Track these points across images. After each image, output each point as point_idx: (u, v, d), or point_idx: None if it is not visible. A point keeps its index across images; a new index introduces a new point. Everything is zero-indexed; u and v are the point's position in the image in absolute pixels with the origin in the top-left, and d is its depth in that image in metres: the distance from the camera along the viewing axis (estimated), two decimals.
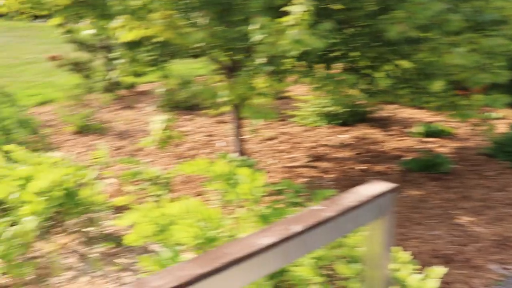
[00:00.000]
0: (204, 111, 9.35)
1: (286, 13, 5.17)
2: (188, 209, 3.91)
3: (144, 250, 4.67)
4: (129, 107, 10.33)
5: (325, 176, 6.88)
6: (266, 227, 1.90)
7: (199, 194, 5.97)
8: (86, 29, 6.56)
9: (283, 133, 8.65)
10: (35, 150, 6.62)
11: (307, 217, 1.95)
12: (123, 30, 5.62)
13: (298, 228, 1.87)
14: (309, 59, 6.11)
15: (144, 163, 5.99)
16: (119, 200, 5.51)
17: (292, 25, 5.12)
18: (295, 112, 9.44)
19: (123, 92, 11.17)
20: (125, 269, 4.55)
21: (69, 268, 4.62)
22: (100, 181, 5.43)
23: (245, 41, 5.49)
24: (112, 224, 5.19)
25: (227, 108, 6.49)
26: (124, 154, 7.60)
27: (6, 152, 5.83)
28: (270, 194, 4.72)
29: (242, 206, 4.32)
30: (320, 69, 6.42)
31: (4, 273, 4.43)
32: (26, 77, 13.60)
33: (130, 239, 3.87)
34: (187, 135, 8.44)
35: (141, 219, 3.92)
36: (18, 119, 7.40)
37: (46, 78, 13.21)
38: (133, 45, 6.24)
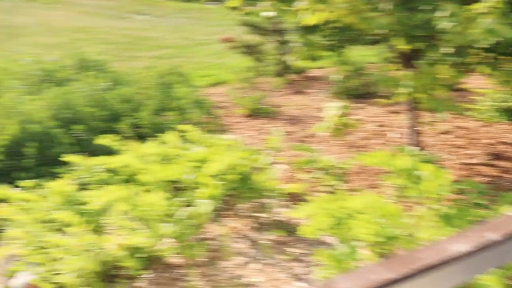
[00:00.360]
0: (376, 100, 9.08)
1: (475, 0, 4.83)
2: (368, 204, 3.72)
3: (316, 241, 4.53)
4: (300, 92, 10.24)
5: (505, 176, 6.44)
6: (458, 233, 1.71)
7: (372, 187, 5.74)
8: (265, 12, 6.48)
9: (459, 127, 8.21)
10: (208, 131, 6.68)
11: (505, 225, 1.73)
12: (306, 13, 5.48)
13: (495, 236, 1.67)
14: (498, 50, 5.70)
15: (317, 151, 5.84)
16: (291, 187, 5.41)
17: (484, 13, 4.77)
18: (471, 106, 8.95)
19: (293, 76, 11.09)
20: (296, 259, 4.43)
21: (240, 253, 4.57)
22: (273, 167, 5.35)
23: (429, 29, 5.18)
24: (284, 211, 5.10)
25: (403, 98, 6.19)
26: (295, 139, 7.51)
27: (182, 131, 5.89)
28: (451, 193, 4.43)
29: (420, 204, 4.07)
30: (508, 62, 5.99)
31: (177, 253, 4.44)
32: (198, 57, 13.90)
33: (305, 231, 3.74)
34: (359, 124, 8.21)
35: (318, 211, 3.77)
36: (193, 99, 7.50)
37: (218, 59, 13.43)
38: (311, 29, 6.09)
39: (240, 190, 4.95)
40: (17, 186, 5.41)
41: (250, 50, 11.05)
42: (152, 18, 22.94)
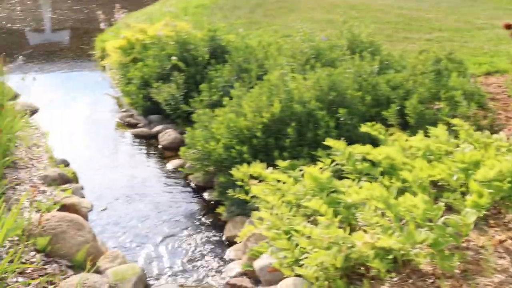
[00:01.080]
0: None
1: None
2: None
3: None
4: None
5: None
6: None
7: None
8: None
9: None
10: (479, 127, 6.20)
11: None
12: None
13: None
14: None
15: None
16: None
17: None
18: None
19: None
20: None
21: (500, 270, 4.08)
22: None
23: None
24: None
25: None
26: None
27: (450, 125, 5.49)
28: None
29: None
30: None
31: (429, 260, 4.08)
32: (474, 43, 13.09)
33: None
34: None
35: None
36: (465, 90, 6.97)
37: (496, 46, 12.54)
38: None
39: (510, 199, 4.44)
40: (271, 165, 5.37)
41: None
42: None
